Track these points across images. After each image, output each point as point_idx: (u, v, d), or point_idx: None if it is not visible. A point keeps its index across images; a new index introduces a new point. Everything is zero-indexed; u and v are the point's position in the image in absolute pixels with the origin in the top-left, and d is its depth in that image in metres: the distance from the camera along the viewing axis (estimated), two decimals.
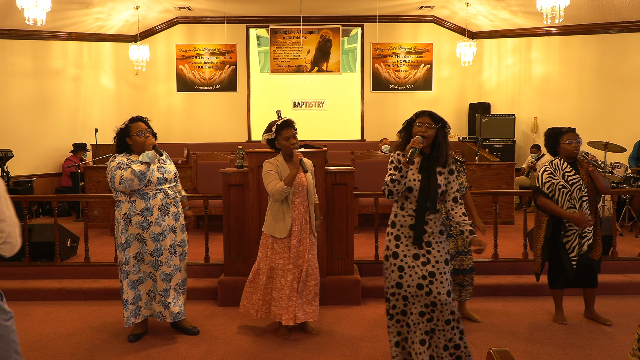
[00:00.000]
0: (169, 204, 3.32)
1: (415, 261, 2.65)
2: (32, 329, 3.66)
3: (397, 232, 2.72)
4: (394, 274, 2.69)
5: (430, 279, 2.62)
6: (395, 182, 2.61)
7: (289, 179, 3.27)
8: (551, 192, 3.51)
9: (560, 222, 3.51)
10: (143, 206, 3.26)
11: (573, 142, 3.50)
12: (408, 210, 2.68)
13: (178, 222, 3.43)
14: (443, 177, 2.69)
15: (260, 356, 3.18)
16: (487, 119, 8.84)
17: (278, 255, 3.39)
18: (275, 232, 3.37)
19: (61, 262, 4.65)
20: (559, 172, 3.53)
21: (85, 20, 8.63)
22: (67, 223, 6.52)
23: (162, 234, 3.28)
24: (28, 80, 8.40)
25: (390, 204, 2.86)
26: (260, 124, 9.85)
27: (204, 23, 9.72)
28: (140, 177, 3.17)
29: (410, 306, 2.66)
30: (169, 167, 3.44)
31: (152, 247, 3.28)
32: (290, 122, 3.39)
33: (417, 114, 2.70)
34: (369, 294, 4.23)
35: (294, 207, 3.37)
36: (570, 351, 3.20)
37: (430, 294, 2.61)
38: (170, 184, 3.40)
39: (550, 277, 3.70)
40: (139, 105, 9.66)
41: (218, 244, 5.00)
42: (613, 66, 8.31)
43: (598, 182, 3.47)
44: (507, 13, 8.71)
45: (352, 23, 9.79)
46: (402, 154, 2.68)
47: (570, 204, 3.46)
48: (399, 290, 2.67)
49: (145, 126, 3.36)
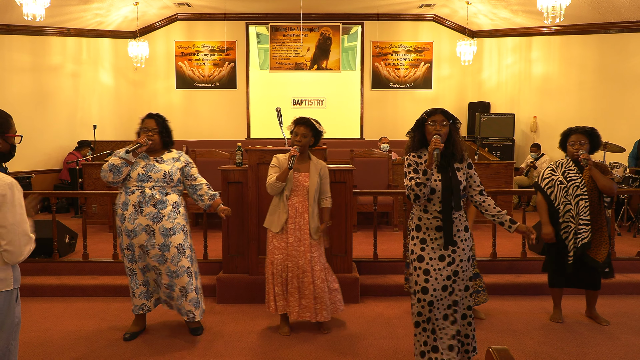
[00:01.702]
0: (142, 203, 3.20)
1: (441, 263, 2.60)
2: (30, 325, 3.65)
3: (423, 235, 2.64)
4: (419, 278, 2.61)
5: (454, 278, 2.61)
6: (421, 185, 2.53)
7: (281, 174, 3.32)
8: (550, 187, 3.59)
9: (556, 220, 3.55)
10: (123, 200, 3.26)
11: (576, 144, 3.53)
12: (432, 212, 2.61)
13: (157, 224, 3.20)
14: (462, 173, 2.66)
15: (258, 353, 3.18)
16: (487, 118, 8.85)
17: (277, 251, 3.42)
18: (272, 226, 3.43)
19: (59, 259, 4.65)
20: (561, 170, 3.61)
21: (84, 16, 8.60)
22: (65, 219, 6.50)
23: (133, 231, 3.22)
24: (26, 76, 8.38)
25: (390, 201, 2.84)
26: (259, 122, 9.85)
27: (203, 20, 9.70)
28: (113, 170, 3.18)
29: (435, 311, 2.60)
30: (162, 166, 3.28)
31: (126, 242, 3.28)
32: (305, 121, 3.38)
33: (428, 112, 2.65)
34: (368, 292, 4.24)
35: (291, 204, 3.38)
36: (568, 350, 3.21)
37: (452, 293, 2.61)
38: (156, 184, 3.25)
39: (549, 275, 3.72)
40: (137, 102, 9.66)
41: (217, 241, 5.00)
42: (613, 66, 8.32)
43: (598, 181, 3.49)
44: (507, 12, 8.70)
45: (352, 21, 9.78)
46: (417, 155, 2.66)
47: (566, 200, 3.51)
48: (425, 295, 2.59)
49: (155, 124, 3.33)
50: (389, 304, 4.07)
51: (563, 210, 3.52)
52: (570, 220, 3.50)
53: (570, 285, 3.66)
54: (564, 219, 3.52)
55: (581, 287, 3.68)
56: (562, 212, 3.53)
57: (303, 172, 3.40)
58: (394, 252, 4.88)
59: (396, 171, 6.76)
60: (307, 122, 3.37)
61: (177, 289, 3.31)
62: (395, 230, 6.16)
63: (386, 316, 3.82)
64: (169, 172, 3.29)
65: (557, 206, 3.55)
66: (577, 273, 3.56)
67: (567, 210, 3.51)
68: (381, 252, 4.76)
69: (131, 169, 3.25)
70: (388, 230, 6.24)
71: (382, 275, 4.47)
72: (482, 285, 3.71)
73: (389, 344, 3.30)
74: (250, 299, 4.08)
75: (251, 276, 4.10)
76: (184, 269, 3.30)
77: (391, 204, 6.20)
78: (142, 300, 3.40)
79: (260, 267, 4.05)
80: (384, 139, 8.39)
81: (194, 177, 3.44)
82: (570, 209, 3.50)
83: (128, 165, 3.22)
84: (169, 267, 3.26)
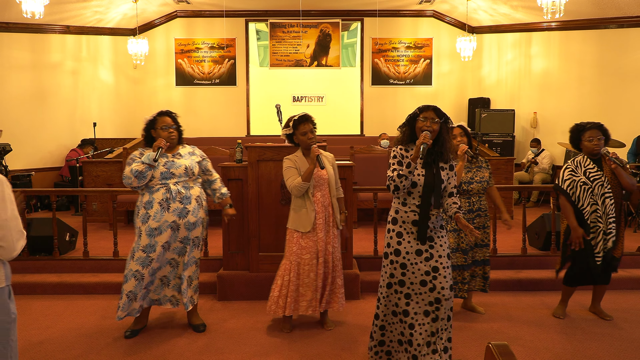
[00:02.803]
0: (169, 200, 3.25)
1: (418, 257, 2.61)
2: (30, 323, 3.66)
3: (399, 229, 2.67)
4: (396, 272, 2.64)
5: (434, 274, 2.60)
6: (403, 177, 2.56)
7: (306, 175, 3.28)
8: (572, 189, 3.48)
9: (584, 220, 3.45)
10: (147, 199, 3.27)
11: (594, 140, 3.46)
12: (410, 206, 2.64)
13: (183, 219, 3.27)
14: (445, 173, 2.68)
15: (259, 349, 3.19)
16: (487, 114, 8.83)
17: (304, 251, 3.36)
18: (300, 227, 3.36)
19: (60, 256, 4.65)
20: (581, 169, 3.49)
21: (83, 14, 8.58)
22: (65, 217, 6.51)
23: (158, 229, 3.24)
24: (26, 73, 8.36)
25: (390, 198, 2.84)
26: (259, 119, 9.83)
27: (203, 17, 9.67)
28: (138, 176, 3.20)
29: (414, 305, 2.61)
30: (181, 161, 3.34)
31: (144, 243, 3.24)
32: (307, 117, 3.39)
33: (420, 108, 2.66)
34: (368, 288, 4.24)
35: (315, 200, 3.36)
36: (568, 345, 3.21)
37: (434, 289, 2.60)
38: (180, 179, 3.31)
39: (568, 273, 3.64)
40: (137, 100, 9.65)
41: (217, 238, 5.00)
42: (613, 61, 8.29)
43: (622, 179, 3.45)
44: (507, 8, 8.68)
45: (351, 17, 9.75)
46: (404, 149, 2.66)
47: (592, 201, 3.43)
48: (402, 288, 2.62)
49: (172, 121, 3.37)
50: None
51: (590, 211, 3.44)
52: (598, 220, 3.43)
53: (585, 282, 3.60)
54: (591, 219, 3.44)
55: (592, 283, 3.63)
56: (588, 213, 3.44)
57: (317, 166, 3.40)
58: None
59: None
60: (310, 119, 3.40)
61: (186, 278, 3.37)
62: None
63: None
64: (190, 167, 3.36)
65: (582, 207, 3.45)
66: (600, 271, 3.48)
67: (594, 210, 3.43)
68: (381, 248, 4.74)
69: (154, 169, 3.28)
70: None
71: None
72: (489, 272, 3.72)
73: None
74: (251, 296, 4.08)
75: (252, 273, 4.11)
76: (194, 260, 3.40)
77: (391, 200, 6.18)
78: (140, 302, 3.34)
79: (261, 264, 4.05)
80: (383, 135, 8.39)
81: (210, 172, 3.56)
82: (597, 209, 3.43)
83: (151, 169, 3.24)
84: (184, 259, 3.35)
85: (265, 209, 4.01)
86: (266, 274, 4.00)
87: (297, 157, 3.39)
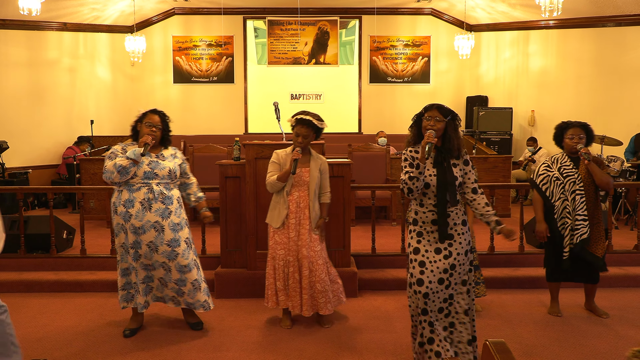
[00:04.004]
0: (151, 200, 3.22)
1: (437, 255, 2.61)
2: (28, 321, 3.65)
3: (420, 229, 2.67)
4: (415, 270, 2.63)
5: (451, 271, 2.61)
6: (414, 179, 2.56)
7: (282, 175, 3.31)
8: (545, 184, 3.58)
9: (553, 216, 3.54)
10: (127, 197, 3.24)
11: (575, 138, 3.52)
12: (428, 206, 2.64)
13: (166, 220, 3.25)
14: (458, 169, 2.67)
15: (257, 347, 3.19)
16: (485, 112, 8.84)
17: (279, 246, 3.43)
18: (272, 222, 3.44)
19: (57, 254, 4.64)
20: (556, 165, 3.59)
21: (80, 11, 8.55)
22: (63, 215, 6.49)
23: (141, 228, 3.22)
24: (23, 71, 8.33)
25: (388, 196, 2.84)
26: (257, 116, 9.82)
27: (200, 14, 9.65)
28: (121, 172, 3.17)
29: (431, 304, 2.61)
30: (166, 163, 3.32)
31: (131, 240, 3.24)
32: (303, 120, 3.31)
33: (425, 107, 2.68)
34: (366, 286, 4.25)
35: (291, 199, 3.39)
36: (565, 342, 3.23)
37: (449, 286, 2.62)
38: (162, 180, 3.28)
39: (546, 269, 3.73)
40: (135, 97, 9.62)
41: (215, 236, 4.99)
42: (611, 60, 8.31)
43: (596, 176, 3.48)
44: (505, 6, 8.68)
45: (349, 15, 9.74)
46: (414, 150, 2.67)
47: (563, 197, 3.51)
48: (420, 287, 2.59)
49: (159, 120, 3.34)
50: (387, 298, 4.08)
51: (560, 207, 3.52)
52: (567, 216, 3.50)
53: (569, 279, 3.67)
54: (561, 215, 3.52)
55: (580, 281, 3.69)
56: (558, 208, 3.53)
57: (303, 166, 3.39)
58: (392, 247, 4.89)
59: (394, 165, 6.76)
60: (309, 123, 3.31)
61: (189, 283, 3.34)
62: (394, 224, 6.16)
63: (384, 310, 3.83)
64: (173, 169, 3.34)
65: (554, 202, 3.54)
66: (575, 268, 3.56)
67: (564, 206, 3.51)
68: (379, 246, 4.77)
69: (138, 167, 3.26)
70: (386, 224, 6.25)
71: (381, 270, 4.48)
72: (481, 277, 3.72)
73: (388, 338, 3.31)
74: (249, 294, 4.08)
75: (249, 271, 4.11)
76: (193, 262, 3.37)
77: (389, 198, 6.20)
78: (144, 298, 3.37)
79: (259, 262, 4.05)
80: (381, 133, 8.38)
81: (187, 175, 3.54)
82: (567, 205, 3.50)
83: (135, 166, 3.22)
84: (179, 262, 3.28)
85: (263, 206, 4.00)
86: (264, 272, 3.97)
87: (286, 153, 3.40)
